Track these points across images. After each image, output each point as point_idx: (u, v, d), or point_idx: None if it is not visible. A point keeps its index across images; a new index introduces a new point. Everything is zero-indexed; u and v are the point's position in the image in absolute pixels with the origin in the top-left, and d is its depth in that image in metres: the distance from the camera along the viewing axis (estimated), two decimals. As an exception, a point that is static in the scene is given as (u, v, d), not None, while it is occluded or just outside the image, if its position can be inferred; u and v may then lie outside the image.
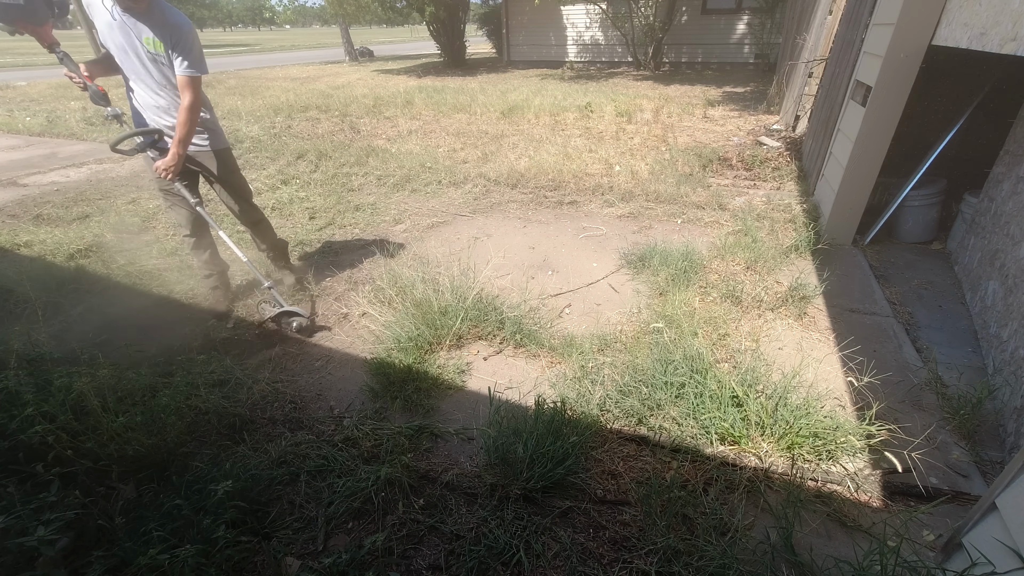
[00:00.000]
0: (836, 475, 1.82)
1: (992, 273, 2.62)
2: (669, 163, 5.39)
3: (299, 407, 2.25)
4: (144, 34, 2.24)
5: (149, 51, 2.29)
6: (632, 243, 3.72)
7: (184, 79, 2.33)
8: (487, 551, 1.56)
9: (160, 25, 2.25)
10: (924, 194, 3.48)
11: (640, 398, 2.10)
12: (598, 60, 15.53)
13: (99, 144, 7.11)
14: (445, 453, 1.99)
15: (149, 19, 2.23)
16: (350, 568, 1.52)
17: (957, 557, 1.44)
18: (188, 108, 2.36)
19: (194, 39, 2.33)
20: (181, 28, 2.28)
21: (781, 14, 11.38)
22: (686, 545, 1.57)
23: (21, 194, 5.06)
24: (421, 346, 2.50)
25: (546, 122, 7.67)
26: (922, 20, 2.89)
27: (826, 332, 2.66)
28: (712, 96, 9.51)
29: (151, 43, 2.27)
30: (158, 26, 2.25)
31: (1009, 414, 1.97)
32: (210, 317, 2.90)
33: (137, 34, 2.25)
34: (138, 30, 2.24)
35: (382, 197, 4.83)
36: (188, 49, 2.31)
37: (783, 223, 3.88)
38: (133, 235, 3.99)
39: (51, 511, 1.50)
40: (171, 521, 1.58)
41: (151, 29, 2.24)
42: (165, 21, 2.26)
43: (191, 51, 2.32)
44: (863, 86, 3.44)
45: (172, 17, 2.28)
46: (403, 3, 15.30)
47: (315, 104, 9.37)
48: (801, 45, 6.80)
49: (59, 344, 2.56)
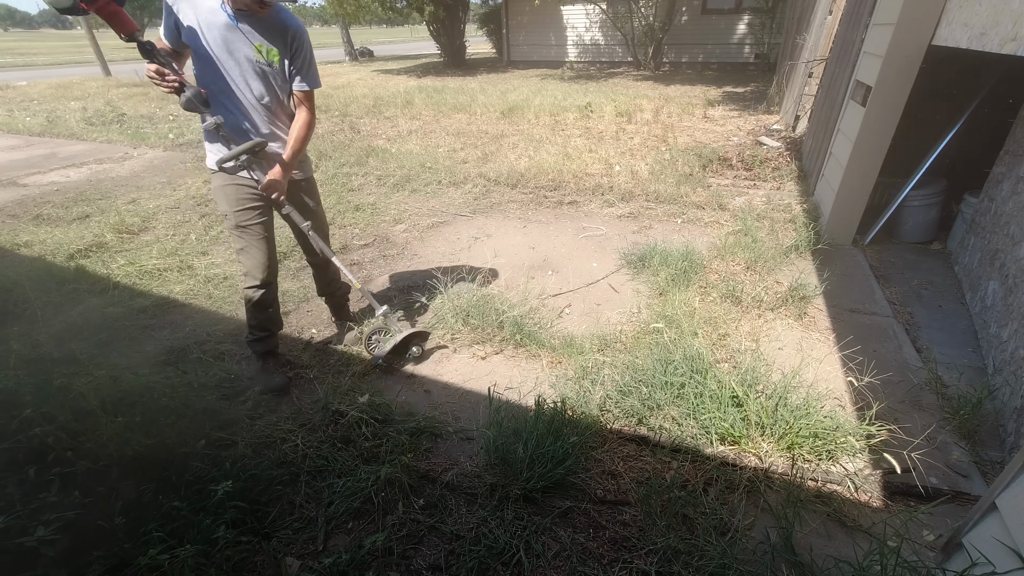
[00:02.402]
0: (836, 475, 1.82)
1: (992, 273, 2.62)
2: (669, 163, 5.38)
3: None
4: (257, 41, 1.92)
5: (259, 60, 1.95)
6: (632, 243, 3.72)
7: (303, 95, 2.10)
8: (487, 551, 1.56)
9: (278, 31, 1.95)
10: (924, 194, 3.48)
11: (640, 398, 2.09)
12: (598, 60, 15.52)
13: (99, 144, 7.12)
14: (445, 453, 1.99)
15: (266, 24, 1.92)
16: (350, 568, 1.52)
17: (957, 557, 1.44)
18: (306, 124, 2.12)
19: (311, 48, 2.07)
20: (302, 36, 2.00)
21: (781, 14, 11.38)
22: (686, 545, 1.57)
23: (21, 194, 5.06)
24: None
25: (546, 122, 7.67)
26: (922, 20, 2.89)
27: (826, 332, 2.66)
28: (712, 96, 9.51)
29: (264, 51, 1.94)
30: (275, 32, 1.94)
31: (1009, 414, 1.97)
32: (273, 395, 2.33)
33: (248, 39, 1.91)
34: (250, 35, 1.91)
35: (382, 197, 4.83)
36: (309, 61, 2.05)
37: (783, 223, 3.88)
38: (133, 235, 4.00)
39: (51, 511, 1.50)
40: (171, 521, 1.58)
41: (265, 35, 1.93)
42: (286, 28, 1.95)
43: (311, 64, 2.06)
44: (863, 86, 3.44)
45: (291, 22, 1.97)
46: (403, 3, 15.29)
47: (315, 104, 9.36)
48: (801, 45, 6.80)
49: (59, 344, 2.56)
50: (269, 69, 1.98)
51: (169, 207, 4.58)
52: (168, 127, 7.84)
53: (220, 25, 1.86)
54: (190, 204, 4.68)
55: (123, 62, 19.26)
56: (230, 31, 1.88)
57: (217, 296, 3.11)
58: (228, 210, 2.11)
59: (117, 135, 7.46)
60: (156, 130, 7.70)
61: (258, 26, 1.91)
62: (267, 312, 2.32)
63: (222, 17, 1.85)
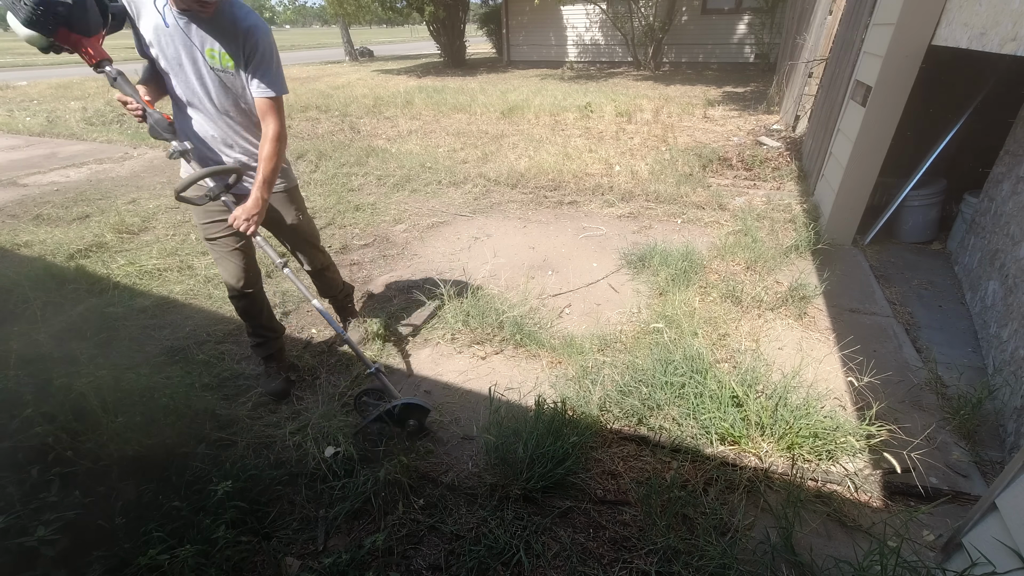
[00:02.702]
0: (836, 475, 1.82)
1: (992, 273, 2.62)
2: (669, 163, 5.38)
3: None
4: (207, 45, 1.72)
5: (212, 66, 1.76)
6: (632, 243, 3.72)
7: (265, 103, 1.82)
8: (487, 551, 1.56)
9: (229, 33, 1.73)
10: (924, 194, 3.48)
11: (640, 398, 2.10)
12: (598, 60, 15.52)
13: (99, 144, 7.12)
14: (445, 453, 1.99)
15: (215, 25, 1.71)
16: (350, 568, 1.52)
17: (957, 557, 1.44)
18: (274, 139, 1.86)
19: (273, 48, 1.80)
20: (256, 35, 1.74)
21: (781, 14, 11.38)
22: (686, 545, 1.57)
23: (21, 194, 5.06)
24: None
25: (546, 122, 7.67)
26: (922, 20, 2.89)
27: (826, 332, 2.66)
28: (712, 96, 9.51)
29: (216, 56, 1.74)
30: (227, 34, 1.73)
31: (1009, 414, 1.97)
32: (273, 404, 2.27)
33: (199, 44, 1.72)
34: (200, 39, 1.72)
35: (382, 197, 4.83)
36: (267, 63, 1.78)
37: (783, 223, 3.88)
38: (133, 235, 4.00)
39: (51, 511, 1.50)
40: (171, 521, 1.58)
41: (217, 38, 1.72)
42: (236, 27, 1.72)
43: (270, 66, 1.79)
44: (863, 86, 3.44)
45: (245, 20, 1.73)
46: (403, 3, 15.30)
47: (315, 104, 9.37)
48: (801, 45, 6.80)
49: (59, 344, 2.56)
50: (226, 75, 1.78)
51: (169, 207, 4.58)
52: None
53: (170, 31, 1.70)
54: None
55: (123, 62, 19.24)
56: (179, 36, 1.71)
57: (217, 296, 3.11)
58: (197, 223, 2.03)
59: (117, 135, 7.46)
60: (156, 130, 7.69)
61: (207, 27, 1.71)
62: (257, 319, 2.26)
63: (169, 20, 1.68)
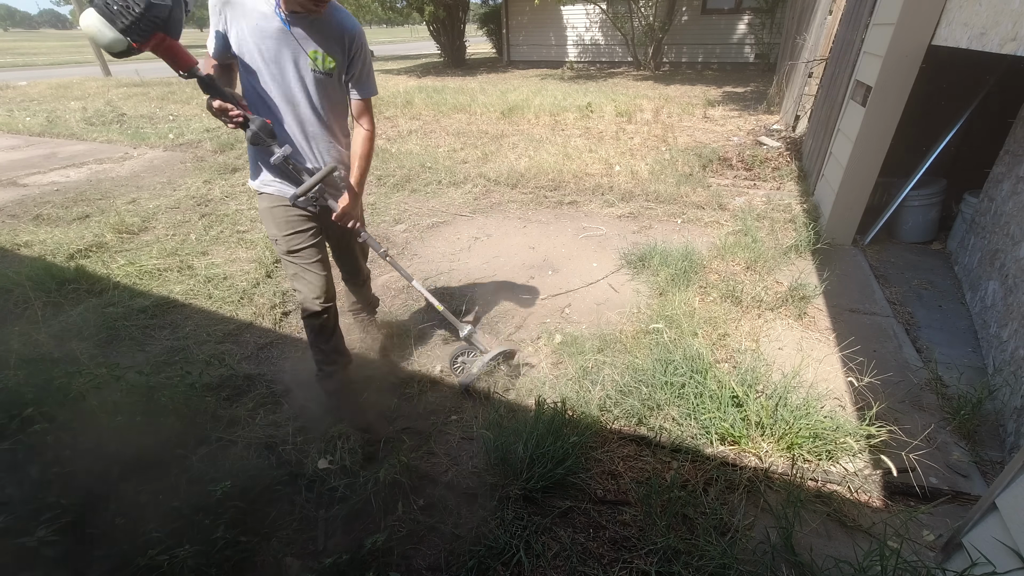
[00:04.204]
0: (836, 475, 1.82)
1: (992, 273, 2.62)
2: (669, 163, 5.38)
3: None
4: (311, 47, 1.70)
5: (314, 69, 1.73)
6: (632, 243, 3.72)
7: (362, 104, 1.88)
8: (487, 551, 1.56)
9: (334, 36, 1.71)
10: (924, 194, 3.48)
11: (640, 398, 2.09)
12: (598, 60, 15.52)
13: (99, 144, 7.12)
14: (445, 453, 1.99)
15: (320, 27, 1.69)
16: (350, 568, 1.51)
17: (957, 557, 1.44)
18: (370, 139, 1.91)
19: (368, 51, 1.84)
20: (360, 39, 1.76)
21: (781, 14, 11.38)
22: (686, 545, 1.57)
23: (21, 194, 5.06)
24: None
25: (546, 122, 7.67)
26: (922, 20, 2.89)
27: (826, 332, 2.66)
28: (712, 96, 9.51)
29: (319, 59, 1.72)
30: (331, 37, 1.71)
31: (1009, 414, 1.97)
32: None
33: (302, 46, 1.69)
34: (303, 41, 1.69)
35: (382, 197, 4.83)
36: (367, 66, 1.83)
37: (783, 223, 3.88)
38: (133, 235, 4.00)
39: (51, 511, 1.50)
40: (171, 521, 1.58)
41: (320, 41, 1.70)
42: (343, 30, 1.72)
43: (369, 68, 1.85)
44: (863, 86, 3.44)
45: (347, 23, 1.73)
46: (403, 3, 15.30)
47: (315, 104, 9.35)
48: (801, 45, 6.81)
49: (59, 344, 2.56)
50: (325, 78, 1.76)
51: (169, 207, 4.58)
52: (168, 127, 7.84)
53: (273, 31, 1.65)
54: (190, 204, 4.68)
55: (123, 62, 19.25)
56: (283, 37, 1.66)
57: (217, 296, 3.11)
58: (277, 234, 1.92)
59: (117, 135, 7.46)
60: (156, 130, 7.70)
61: (312, 30, 1.68)
62: (330, 339, 2.10)
63: (275, 23, 1.64)
